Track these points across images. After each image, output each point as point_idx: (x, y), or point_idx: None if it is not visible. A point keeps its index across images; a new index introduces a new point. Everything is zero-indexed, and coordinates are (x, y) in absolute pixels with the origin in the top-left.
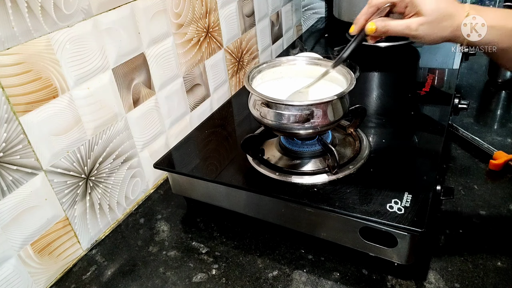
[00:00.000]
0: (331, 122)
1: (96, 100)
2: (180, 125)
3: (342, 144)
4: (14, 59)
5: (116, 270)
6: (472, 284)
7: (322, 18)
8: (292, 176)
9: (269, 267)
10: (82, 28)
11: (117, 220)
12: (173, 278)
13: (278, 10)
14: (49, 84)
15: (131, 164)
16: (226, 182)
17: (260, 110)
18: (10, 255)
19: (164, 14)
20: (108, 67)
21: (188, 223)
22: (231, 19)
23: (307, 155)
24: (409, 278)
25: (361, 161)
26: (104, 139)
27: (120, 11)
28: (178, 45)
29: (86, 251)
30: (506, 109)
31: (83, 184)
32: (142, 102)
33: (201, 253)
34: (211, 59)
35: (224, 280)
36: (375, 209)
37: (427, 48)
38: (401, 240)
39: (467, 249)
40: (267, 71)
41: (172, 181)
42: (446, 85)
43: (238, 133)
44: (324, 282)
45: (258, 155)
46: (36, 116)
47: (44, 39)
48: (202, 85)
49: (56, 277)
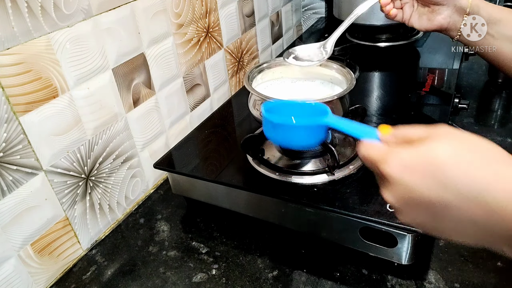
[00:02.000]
0: None
1: (96, 100)
2: (180, 125)
3: (342, 144)
4: (14, 59)
5: (116, 270)
6: (472, 284)
7: (322, 18)
8: (292, 176)
9: (269, 267)
10: (82, 28)
11: (117, 220)
12: (173, 278)
13: (278, 10)
14: (49, 84)
15: (131, 164)
16: (226, 182)
17: (260, 110)
18: (10, 255)
19: (164, 14)
20: (108, 67)
21: (188, 223)
22: (231, 19)
23: (307, 155)
24: (409, 278)
25: (361, 161)
26: (104, 139)
27: (120, 11)
28: (178, 45)
29: (86, 251)
30: (506, 109)
31: (83, 184)
32: (142, 102)
33: (201, 253)
34: (211, 59)
35: (224, 280)
36: (375, 209)
37: (427, 48)
38: (401, 240)
39: (467, 249)
40: (267, 71)
41: (172, 181)
42: (446, 85)
43: (238, 133)
44: (324, 282)
45: (258, 155)
46: (36, 116)
47: (44, 39)
48: (202, 85)
49: (56, 277)
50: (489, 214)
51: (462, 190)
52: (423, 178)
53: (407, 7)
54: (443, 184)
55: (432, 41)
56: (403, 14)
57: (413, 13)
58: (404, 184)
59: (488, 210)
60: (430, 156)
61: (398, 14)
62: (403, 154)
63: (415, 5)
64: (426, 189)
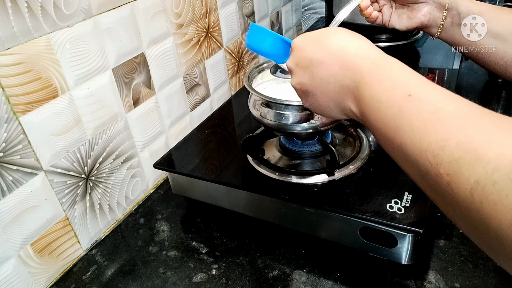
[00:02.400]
0: (331, 122)
1: (96, 100)
2: (180, 125)
3: (342, 144)
4: (14, 59)
5: (116, 270)
6: (472, 284)
7: (322, 18)
8: (292, 176)
9: (269, 267)
10: (82, 28)
11: (117, 220)
12: (173, 278)
13: (278, 10)
14: (49, 84)
15: (131, 164)
16: (226, 182)
17: (260, 110)
18: (10, 255)
19: (164, 14)
20: (108, 67)
21: (188, 223)
22: (231, 19)
23: (307, 155)
24: (409, 278)
25: (361, 161)
26: (104, 139)
27: (120, 11)
28: (178, 45)
29: (86, 251)
30: (506, 109)
31: (83, 184)
32: (142, 102)
33: (201, 253)
34: (211, 59)
35: (224, 280)
36: (375, 209)
37: (427, 48)
38: (401, 240)
39: (467, 249)
40: (267, 71)
41: (172, 181)
42: (446, 85)
43: (238, 133)
44: (324, 282)
45: (258, 155)
46: (36, 116)
47: (44, 39)
48: (202, 85)
49: (56, 277)
50: (344, 67)
51: (331, 49)
52: (312, 44)
53: (385, 8)
54: (323, 47)
55: (432, 41)
56: (382, 16)
57: (392, 14)
58: (300, 49)
59: (344, 63)
60: (323, 30)
61: (378, 17)
62: (307, 33)
63: (393, 6)
64: (312, 51)
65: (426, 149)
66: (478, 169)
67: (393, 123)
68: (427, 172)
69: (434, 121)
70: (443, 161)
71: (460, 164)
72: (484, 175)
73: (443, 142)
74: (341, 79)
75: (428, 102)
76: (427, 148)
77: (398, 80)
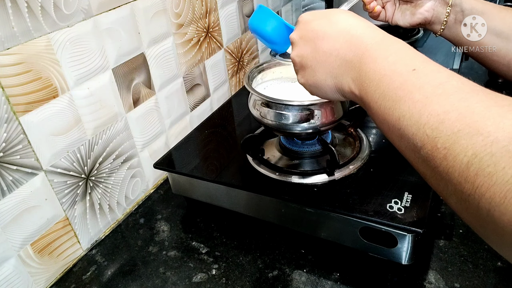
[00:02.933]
0: (331, 122)
1: (96, 100)
2: (180, 125)
3: (342, 144)
4: (14, 59)
5: (116, 270)
6: (472, 284)
7: None
8: (292, 176)
9: (269, 267)
10: (82, 28)
11: (117, 220)
12: (173, 278)
13: (278, 10)
14: (49, 84)
15: (131, 164)
16: (226, 182)
17: (260, 110)
18: (10, 255)
19: (164, 14)
20: (108, 67)
21: (188, 223)
22: (231, 19)
23: (307, 155)
24: (409, 278)
25: (361, 161)
26: (104, 139)
27: (120, 11)
28: (178, 45)
29: (86, 251)
30: None
31: (83, 184)
32: (142, 102)
33: (201, 253)
34: (211, 59)
35: (224, 280)
36: (375, 209)
37: (427, 48)
38: (401, 240)
39: (467, 249)
40: (267, 71)
41: (172, 181)
42: None
43: (238, 133)
44: (324, 282)
45: (258, 155)
46: (36, 116)
47: (44, 39)
48: (202, 85)
49: (56, 277)
50: (349, 41)
51: (339, 26)
52: (320, 18)
53: (388, 5)
54: (330, 22)
55: (432, 41)
56: (385, 13)
57: (396, 11)
58: (307, 22)
59: (351, 38)
60: (331, 9)
61: (381, 14)
62: (315, 10)
63: (396, 3)
64: (319, 24)
65: (425, 122)
66: (477, 142)
67: (393, 95)
68: (422, 146)
69: (437, 94)
70: (441, 134)
71: (459, 137)
72: (482, 148)
73: (443, 115)
74: (344, 53)
75: (433, 76)
76: (426, 121)
77: (403, 56)
